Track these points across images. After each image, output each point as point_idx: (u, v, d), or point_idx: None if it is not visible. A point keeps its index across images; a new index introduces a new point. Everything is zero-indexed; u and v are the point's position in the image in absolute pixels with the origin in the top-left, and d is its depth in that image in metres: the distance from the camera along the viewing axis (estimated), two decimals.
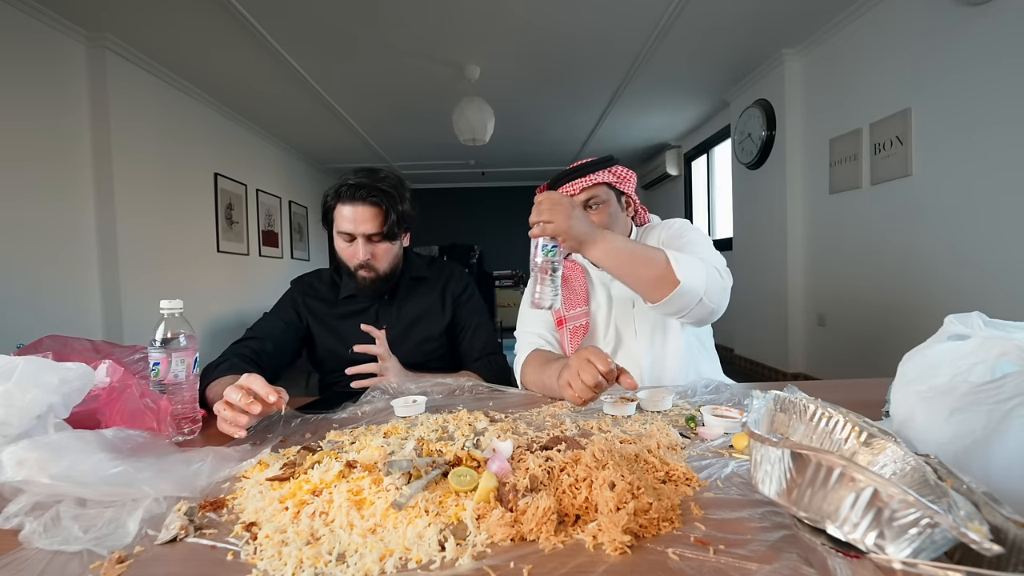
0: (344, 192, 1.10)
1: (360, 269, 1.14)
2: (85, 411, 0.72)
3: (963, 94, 2.26)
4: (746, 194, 4.08)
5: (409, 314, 1.24)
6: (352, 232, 1.11)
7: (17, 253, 2.49)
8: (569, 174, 1.14)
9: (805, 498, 0.40)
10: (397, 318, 1.23)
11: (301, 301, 1.24)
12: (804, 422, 0.53)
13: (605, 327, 1.18)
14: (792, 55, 3.38)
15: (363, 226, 1.11)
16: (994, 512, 0.36)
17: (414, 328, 1.23)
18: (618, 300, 1.18)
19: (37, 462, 0.51)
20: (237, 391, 0.73)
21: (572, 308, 1.17)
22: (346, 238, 1.13)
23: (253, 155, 4.75)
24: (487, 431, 0.74)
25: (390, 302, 1.24)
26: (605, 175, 1.13)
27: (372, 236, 1.12)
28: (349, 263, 1.16)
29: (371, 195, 1.10)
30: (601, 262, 0.96)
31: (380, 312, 1.23)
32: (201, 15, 2.70)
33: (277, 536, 0.45)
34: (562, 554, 0.42)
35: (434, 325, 1.24)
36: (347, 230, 1.12)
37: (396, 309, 1.24)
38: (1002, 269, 2.14)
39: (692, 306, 0.95)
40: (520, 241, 7.84)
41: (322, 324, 1.23)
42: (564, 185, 1.14)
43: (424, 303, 1.26)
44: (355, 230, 1.11)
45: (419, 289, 1.27)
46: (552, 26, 2.98)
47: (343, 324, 1.22)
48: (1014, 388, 0.42)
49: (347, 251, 1.15)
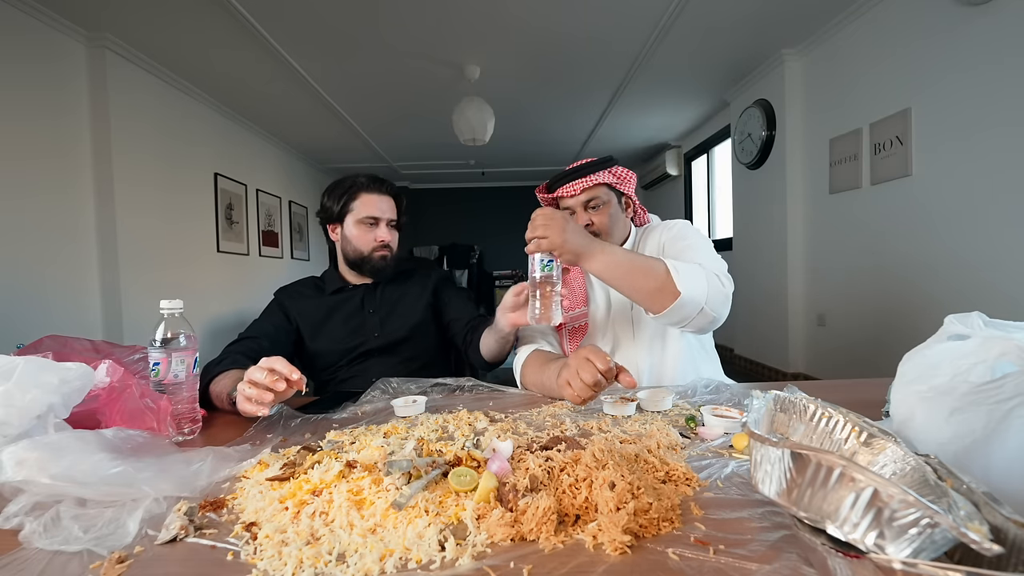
0: (368, 183, 1.27)
1: (379, 251, 1.28)
2: (85, 411, 0.72)
3: (963, 94, 2.26)
4: (746, 194, 4.08)
5: (392, 296, 1.34)
6: (379, 217, 1.26)
7: (17, 253, 2.49)
8: (569, 174, 1.14)
9: (805, 498, 0.40)
10: (383, 301, 1.33)
11: (289, 304, 1.30)
12: (804, 422, 0.53)
13: (604, 328, 1.18)
14: (792, 55, 3.38)
15: (388, 212, 1.28)
16: (994, 512, 0.36)
17: (398, 306, 1.33)
18: (617, 302, 1.18)
19: (37, 462, 0.51)
20: (261, 371, 0.76)
21: (571, 309, 1.17)
22: (370, 222, 1.27)
23: (253, 155, 4.75)
24: (487, 431, 0.74)
25: (374, 288, 1.34)
26: (605, 175, 1.13)
27: (390, 222, 1.29)
28: (367, 248, 1.27)
29: (390, 188, 1.30)
30: (600, 274, 0.96)
31: (366, 299, 1.32)
32: (201, 15, 2.70)
33: (277, 536, 0.45)
34: (562, 554, 0.42)
35: (417, 302, 1.34)
36: (374, 215, 1.26)
37: (380, 293, 1.34)
38: (1002, 269, 2.14)
39: (693, 316, 0.94)
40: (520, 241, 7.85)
41: (312, 321, 1.29)
42: (565, 185, 1.14)
43: (405, 287, 1.37)
44: (381, 215, 1.27)
45: (401, 279, 1.39)
46: (552, 26, 2.98)
47: (332, 316, 1.30)
48: (1014, 388, 0.42)
49: (368, 235, 1.27)
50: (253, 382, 0.76)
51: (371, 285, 1.34)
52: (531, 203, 0.96)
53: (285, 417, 0.85)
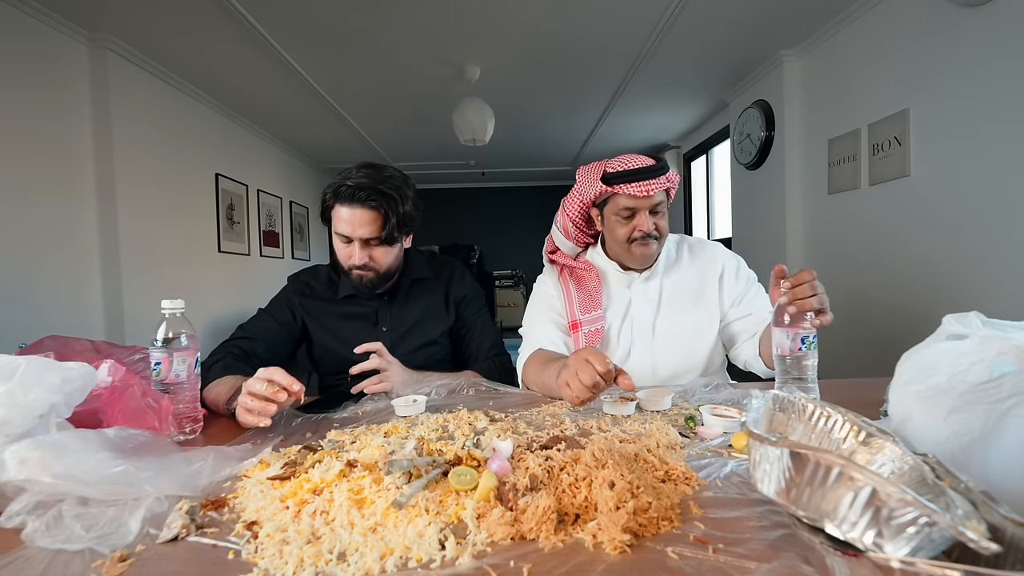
0: (343, 192, 1.04)
1: (356, 269, 1.10)
2: (87, 410, 0.72)
3: (961, 95, 2.27)
4: (745, 194, 4.08)
5: (410, 316, 1.21)
6: (349, 235, 1.06)
7: (18, 253, 2.50)
8: (640, 173, 1.05)
9: (804, 497, 0.40)
10: (398, 320, 1.20)
11: (298, 301, 1.20)
12: (803, 421, 0.53)
13: (618, 333, 1.17)
14: (791, 56, 3.39)
15: (360, 230, 1.05)
16: (992, 511, 0.36)
17: (415, 330, 1.20)
18: (637, 308, 1.17)
19: (39, 461, 0.51)
20: (261, 382, 0.75)
21: (587, 312, 1.16)
22: (343, 239, 1.09)
23: (254, 155, 4.75)
24: (487, 431, 0.75)
25: (390, 303, 1.21)
26: (666, 179, 1.09)
27: (370, 240, 1.07)
28: (344, 264, 1.12)
29: (371, 198, 1.04)
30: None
31: (380, 313, 1.20)
32: (203, 16, 2.70)
33: (278, 535, 0.46)
34: (562, 553, 0.43)
35: (436, 327, 1.21)
36: (344, 232, 1.07)
37: (396, 311, 1.20)
38: (1000, 269, 2.14)
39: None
40: (520, 241, 7.84)
41: (320, 325, 1.20)
42: (636, 183, 1.05)
43: (425, 305, 1.22)
44: (352, 233, 1.06)
45: (420, 289, 1.23)
46: (552, 26, 2.98)
47: (342, 325, 1.19)
48: (1012, 387, 0.43)
49: (343, 251, 1.11)
50: (254, 394, 0.75)
51: (384, 297, 1.20)
52: (531, 203, 0.96)
53: (286, 417, 0.86)
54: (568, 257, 1.25)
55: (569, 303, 1.18)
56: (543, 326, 1.19)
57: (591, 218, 1.19)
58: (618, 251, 1.16)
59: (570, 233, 1.22)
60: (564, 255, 1.26)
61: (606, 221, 1.14)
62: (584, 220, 1.20)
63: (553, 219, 1.26)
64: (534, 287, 1.29)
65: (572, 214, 1.19)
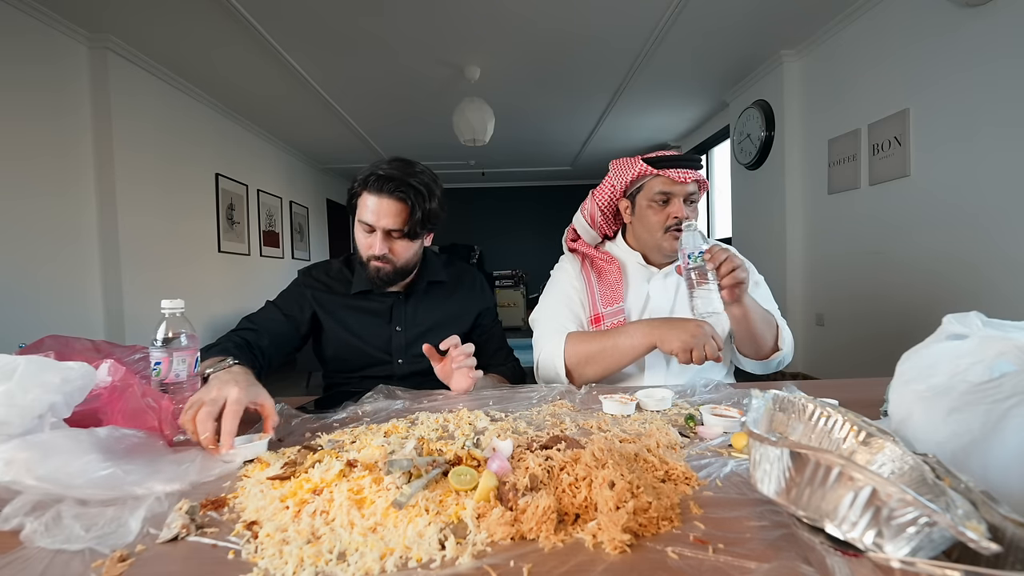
0: (372, 181, 1.05)
1: (373, 261, 1.09)
2: (87, 410, 0.72)
3: (961, 95, 2.27)
4: (745, 194, 4.08)
5: (426, 319, 1.19)
6: (373, 224, 1.06)
7: (19, 253, 2.50)
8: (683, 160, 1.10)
9: (804, 497, 0.40)
10: (412, 321, 1.18)
11: (309, 295, 1.18)
12: (803, 421, 0.53)
13: None
14: (791, 56, 3.39)
15: (385, 220, 1.05)
16: (992, 511, 0.36)
17: (429, 334, 1.16)
18: (655, 302, 1.18)
19: (25, 463, 0.50)
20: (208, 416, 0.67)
21: (609, 304, 1.17)
22: (366, 228, 1.08)
23: (254, 155, 4.75)
24: (487, 430, 0.75)
25: (405, 301, 1.19)
26: (702, 173, 1.14)
27: (392, 232, 1.07)
28: (363, 254, 1.11)
29: (399, 189, 1.04)
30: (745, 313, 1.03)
31: (395, 312, 1.18)
32: (203, 16, 2.71)
33: (278, 535, 0.45)
34: (562, 553, 0.42)
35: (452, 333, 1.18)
36: (368, 221, 1.06)
37: (411, 311, 1.19)
38: (1000, 269, 2.14)
39: (771, 371, 1.10)
40: (520, 241, 7.84)
41: (333, 318, 1.17)
42: (679, 169, 1.09)
43: (443, 310, 1.21)
44: (376, 223, 1.06)
45: (436, 293, 1.22)
46: (552, 26, 2.98)
47: (355, 320, 1.17)
48: (1012, 387, 0.43)
49: (364, 241, 1.10)
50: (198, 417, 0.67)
51: (399, 296, 1.19)
52: (531, 203, 0.96)
53: (286, 416, 0.86)
54: (590, 246, 1.26)
55: (591, 295, 1.19)
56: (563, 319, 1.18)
57: (618, 211, 1.21)
58: (648, 241, 1.16)
59: (596, 222, 1.23)
60: (585, 243, 1.26)
61: (637, 210, 1.15)
62: (612, 211, 1.22)
63: (579, 207, 1.26)
64: (552, 275, 1.29)
65: (602, 203, 1.20)
